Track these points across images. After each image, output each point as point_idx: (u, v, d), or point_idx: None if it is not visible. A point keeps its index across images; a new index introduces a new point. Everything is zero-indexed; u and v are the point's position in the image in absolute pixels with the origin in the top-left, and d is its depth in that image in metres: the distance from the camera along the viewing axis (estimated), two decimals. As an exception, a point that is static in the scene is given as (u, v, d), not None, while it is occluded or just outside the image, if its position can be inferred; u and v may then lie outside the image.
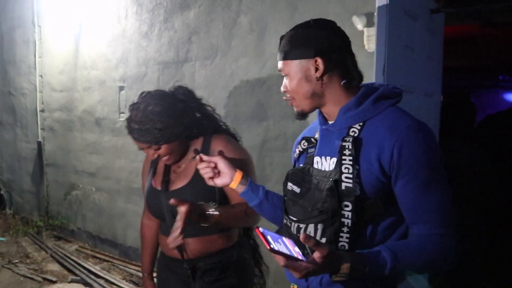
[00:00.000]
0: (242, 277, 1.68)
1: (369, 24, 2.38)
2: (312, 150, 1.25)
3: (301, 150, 1.30)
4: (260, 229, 1.00)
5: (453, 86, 8.02)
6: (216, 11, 3.17)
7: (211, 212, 1.44)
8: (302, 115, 1.25)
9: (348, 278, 1.01)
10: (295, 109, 1.25)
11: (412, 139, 1.07)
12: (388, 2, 1.68)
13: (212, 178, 1.37)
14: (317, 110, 1.26)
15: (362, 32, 2.40)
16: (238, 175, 1.35)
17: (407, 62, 1.92)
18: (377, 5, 1.73)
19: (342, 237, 1.10)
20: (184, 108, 1.62)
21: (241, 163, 1.52)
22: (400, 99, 1.21)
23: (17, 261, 4.20)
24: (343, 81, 1.18)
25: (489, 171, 2.30)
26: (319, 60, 1.15)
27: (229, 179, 1.35)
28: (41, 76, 4.94)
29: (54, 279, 3.72)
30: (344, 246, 1.10)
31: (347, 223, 1.09)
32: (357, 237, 1.11)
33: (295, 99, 1.22)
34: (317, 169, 1.19)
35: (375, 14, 1.80)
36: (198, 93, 3.34)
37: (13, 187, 5.62)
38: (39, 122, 5.01)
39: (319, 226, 1.12)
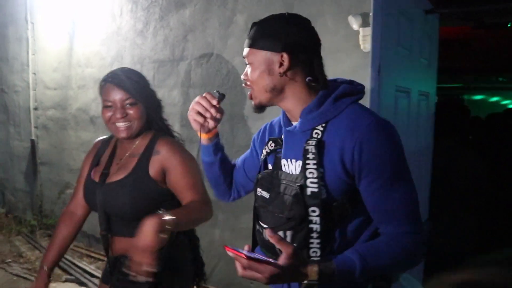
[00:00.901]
0: (168, 272, 1.55)
1: (364, 24, 2.39)
2: (279, 151, 1.23)
3: (268, 151, 1.26)
4: (229, 246, 0.98)
5: (447, 87, 8.09)
6: (212, 10, 3.17)
7: (167, 218, 1.33)
8: (260, 108, 1.22)
9: (318, 284, 0.98)
10: (253, 102, 1.22)
11: (373, 138, 1.05)
12: (383, 2, 1.69)
13: (198, 120, 1.30)
14: (281, 111, 1.25)
15: (357, 32, 2.41)
16: (215, 130, 1.36)
17: (402, 62, 1.93)
18: (372, 6, 1.74)
19: (312, 242, 1.09)
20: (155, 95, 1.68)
21: (185, 162, 1.57)
22: (362, 95, 1.18)
23: (10, 260, 4.17)
24: (308, 78, 1.15)
25: (481, 172, 2.32)
26: (285, 56, 1.12)
27: (212, 126, 1.32)
28: (34, 73, 4.90)
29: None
30: (316, 252, 1.09)
31: (316, 228, 1.08)
32: (328, 241, 1.10)
33: (254, 90, 1.19)
34: (285, 172, 1.18)
35: (370, 14, 1.81)
36: (194, 92, 3.36)
37: (5, 186, 5.58)
38: (32, 120, 4.97)
39: (288, 233, 1.12)
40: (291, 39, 1.12)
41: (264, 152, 1.28)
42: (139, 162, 1.57)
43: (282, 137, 1.24)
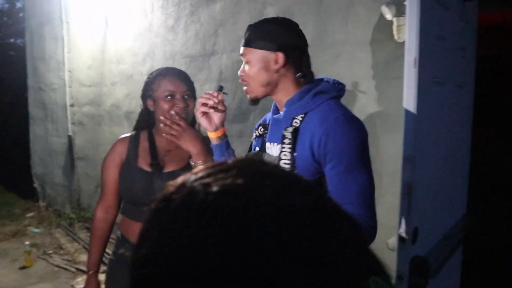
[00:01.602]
0: None
1: (398, 13, 2.33)
2: (266, 135, 1.42)
3: (257, 135, 1.46)
4: None
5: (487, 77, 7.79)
6: (242, 3, 3.16)
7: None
8: (255, 101, 1.40)
9: None
10: (248, 96, 1.39)
11: (337, 129, 1.22)
12: (419, -10, 1.64)
13: (205, 114, 1.48)
14: (273, 103, 1.43)
15: (391, 22, 2.35)
16: (223, 129, 1.52)
17: (439, 52, 1.87)
18: (408, -6, 1.69)
19: None
20: None
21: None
22: (341, 94, 1.39)
23: (51, 252, 4.34)
24: (298, 74, 1.35)
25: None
26: (280, 55, 1.30)
27: (218, 122, 1.50)
28: (70, 71, 5.04)
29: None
30: None
31: None
32: None
33: (250, 85, 1.36)
34: (268, 154, 1.36)
35: (405, 3, 1.76)
36: (226, 86, 3.36)
37: (45, 180, 5.79)
38: (69, 117, 5.12)
39: None
40: (285, 40, 1.32)
41: (254, 135, 1.48)
42: None
43: (268, 123, 1.44)
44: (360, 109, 2.57)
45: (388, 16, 2.34)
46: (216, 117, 1.49)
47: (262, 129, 1.44)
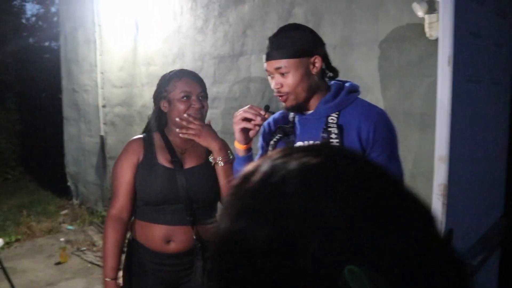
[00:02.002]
0: None
1: (430, 10, 2.29)
2: (292, 136, 1.45)
3: (278, 137, 1.48)
4: None
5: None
6: (270, 4, 3.17)
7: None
8: (296, 108, 1.43)
9: None
10: (287, 104, 1.41)
11: (382, 123, 1.38)
12: (453, -14, 1.60)
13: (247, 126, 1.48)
14: None
15: (422, 19, 2.31)
16: (251, 142, 1.54)
17: (473, 50, 1.82)
18: (441, -9, 1.66)
19: None
20: None
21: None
22: (360, 93, 1.47)
23: (84, 248, 4.45)
24: (329, 74, 1.45)
25: None
26: (318, 58, 1.37)
27: (252, 137, 1.51)
28: (102, 73, 5.16)
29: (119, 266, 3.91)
30: None
31: None
32: None
33: (292, 94, 1.38)
34: None
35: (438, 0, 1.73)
36: (254, 86, 3.39)
37: (78, 179, 5.95)
38: (101, 117, 5.25)
39: None
40: (316, 43, 1.39)
41: (274, 139, 1.49)
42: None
43: (290, 125, 1.47)
44: (391, 108, 2.53)
45: (420, 13, 2.29)
46: (252, 132, 1.49)
47: (281, 132, 1.48)
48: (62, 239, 4.36)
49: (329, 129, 1.36)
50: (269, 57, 1.39)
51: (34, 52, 9.63)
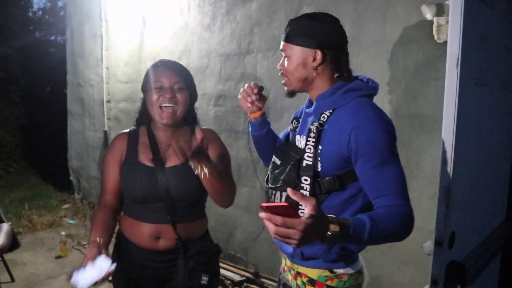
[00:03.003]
0: (218, 266, 1.76)
1: (439, 13, 2.28)
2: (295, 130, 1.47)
3: (292, 128, 1.52)
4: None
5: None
6: (278, 2, 3.17)
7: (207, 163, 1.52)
8: (291, 94, 1.43)
9: (337, 238, 1.04)
10: (286, 88, 1.42)
11: (368, 124, 1.23)
12: (462, -11, 1.60)
13: (250, 100, 1.54)
14: (308, 97, 1.46)
15: (431, 21, 2.31)
16: (261, 112, 1.57)
17: (482, 53, 1.82)
18: (451, -6, 1.65)
19: (301, 205, 1.26)
20: None
21: (223, 152, 1.73)
22: (373, 92, 1.37)
23: (85, 243, 4.46)
24: (336, 75, 1.37)
25: None
26: (319, 53, 1.32)
27: (257, 108, 1.55)
28: (107, 68, 5.17)
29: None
30: (303, 213, 1.20)
31: (306, 194, 1.28)
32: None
33: (289, 79, 1.39)
34: (296, 146, 1.40)
35: (448, 2, 1.72)
36: (261, 84, 3.38)
37: (81, 174, 5.96)
38: (105, 112, 5.26)
39: (283, 194, 1.36)
40: (324, 37, 1.32)
41: (289, 128, 1.55)
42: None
43: (301, 116, 1.48)
44: (396, 110, 2.53)
45: (428, 15, 2.29)
46: (254, 107, 1.55)
47: (296, 122, 1.49)
48: (63, 233, 4.36)
49: (311, 126, 1.33)
50: (282, 38, 1.40)
51: (40, 46, 9.66)
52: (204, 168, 1.48)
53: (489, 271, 1.96)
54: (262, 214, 0.97)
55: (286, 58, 1.38)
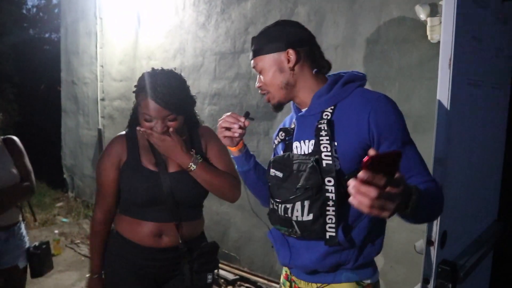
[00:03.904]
0: (218, 261, 1.76)
1: (432, 13, 2.29)
2: (290, 137, 1.36)
3: (279, 140, 1.40)
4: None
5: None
6: (273, 2, 3.17)
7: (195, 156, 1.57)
8: (279, 107, 1.36)
9: (418, 203, 0.99)
10: (271, 103, 1.35)
11: (384, 107, 1.20)
12: (455, -10, 1.61)
13: (226, 135, 1.40)
14: (291, 103, 1.39)
15: (424, 22, 2.32)
16: (242, 142, 1.45)
17: (474, 53, 1.83)
18: (444, -6, 1.66)
19: (328, 210, 1.20)
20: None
21: (224, 148, 1.68)
22: (364, 82, 1.33)
23: (78, 241, 4.45)
24: (315, 70, 1.32)
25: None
26: (291, 51, 1.28)
27: (239, 139, 1.41)
28: (102, 66, 5.16)
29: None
30: (332, 219, 1.20)
31: (332, 197, 1.19)
32: (342, 208, 1.21)
33: (271, 92, 1.32)
34: (296, 154, 1.30)
35: (441, 3, 1.73)
36: (254, 84, 3.38)
37: (75, 172, 5.94)
38: (99, 110, 5.24)
39: (306, 203, 1.23)
40: (291, 37, 1.30)
41: (276, 141, 1.43)
42: (195, 150, 1.66)
43: (292, 126, 1.38)
44: (390, 110, 2.54)
45: (422, 16, 2.30)
46: (234, 139, 1.41)
47: (284, 134, 1.39)
48: (56, 231, 4.35)
49: (320, 125, 1.24)
50: (251, 54, 1.35)
51: (34, 43, 9.60)
52: (189, 165, 1.55)
53: (481, 270, 1.97)
54: (361, 174, 0.82)
55: (260, 73, 1.32)
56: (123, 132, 1.72)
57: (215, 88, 3.65)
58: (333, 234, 1.20)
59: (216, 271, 1.76)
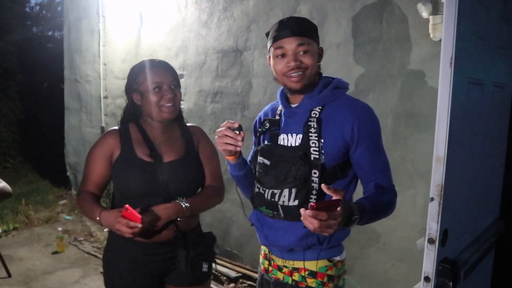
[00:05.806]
0: (214, 253, 1.82)
1: (434, 11, 2.29)
2: (275, 128, 1.50)
3: (263, 130, 1.53)
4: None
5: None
6: (275, 0, 3.17)
7: (184, 205, 1.61)
8: (305, 88, 1.44)
9: (359, 219, 1.24)
10: (300, 84, 1.42)
11: (366, 116, 1.40)
12: (457, -12, 1.60)
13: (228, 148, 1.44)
14: (279, 94, 1.54)
15: (427, 20, 2.31)
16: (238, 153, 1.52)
17: (476, 52, 1.82)
18: (446, -8, 1.66)
19: (311, 198, 1.38)
20: None
21: (213, 150, 1.81)
22: (348, 89, 1.51)
23: (82, 239, 4.47)
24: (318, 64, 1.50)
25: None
26: (322, 49, 1.50)
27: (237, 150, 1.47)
28: (104, 64, 5.17)
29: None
30: None
31: (316, 187, 1.38)
32: (321, 198, 1.38)
33: (307, 73, 1.42)
34: (282, 145, 1.46)
35: (442, 1, 1.73)
36: (257, 82, 3.39)
37: (78, 169, 5.95)
38: (102, 108, 5.25)
39: (293, 190, 1.39)
40: (318, 37, 1.49)
41: (260, 130, 1.54)
42: (187, 144, 1.74)
43: (277, 118, 1.52)
44: (392, 108, 2.54)
45: (424, 14, 2.30)
46: (236, 151, 1.45)
47: (268, 124, 1.52)
48: (59, 229, 4.37)
49: (309, 123, 1.41)
50: (293, 33, 1.39)
51: (37, 41, 9.63)
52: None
53: (482, 268, 1.97)
54: (308, 212, 1.10)
55: (305, 53, 1.41)
56: (116, 127, 1.75)
57: (218, 86, 3.65)
58: None
59: (214, 265, 1.80)
